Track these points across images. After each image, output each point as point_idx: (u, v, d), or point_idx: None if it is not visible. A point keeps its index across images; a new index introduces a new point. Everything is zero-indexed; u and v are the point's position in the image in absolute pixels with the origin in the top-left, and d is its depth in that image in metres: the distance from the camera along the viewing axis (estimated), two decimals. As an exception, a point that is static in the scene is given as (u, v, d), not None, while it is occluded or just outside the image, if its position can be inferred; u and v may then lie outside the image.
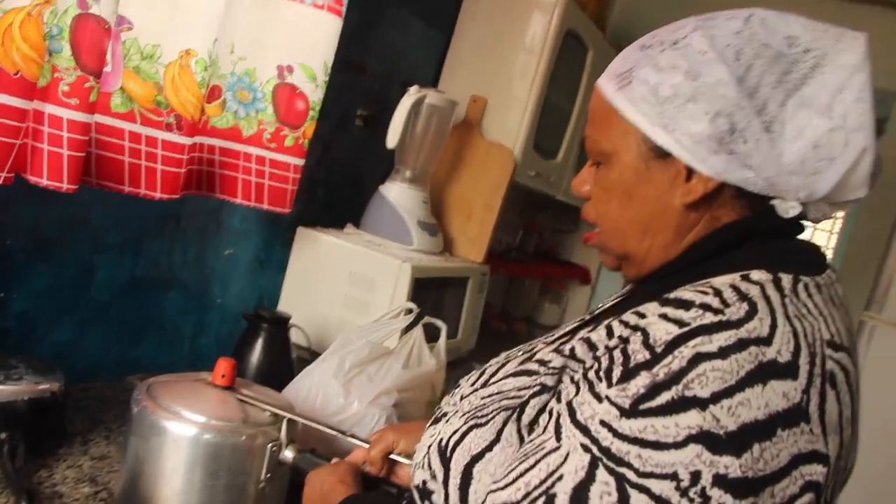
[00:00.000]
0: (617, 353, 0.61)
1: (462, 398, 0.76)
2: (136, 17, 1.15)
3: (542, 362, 0.71)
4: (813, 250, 0.70)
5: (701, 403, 0.54)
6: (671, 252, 0.71)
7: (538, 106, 2.03)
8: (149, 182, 1.21)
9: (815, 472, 0.56)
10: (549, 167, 2.28)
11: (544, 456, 0.60)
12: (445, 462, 0.71)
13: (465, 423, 0.72)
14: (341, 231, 1.79)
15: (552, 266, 3.07)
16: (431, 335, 1.36)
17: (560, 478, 0.58)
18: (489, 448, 0.68)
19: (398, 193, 1.81)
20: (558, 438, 0.60)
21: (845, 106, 0.63)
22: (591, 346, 0.66)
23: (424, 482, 0.72)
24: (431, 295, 1.71)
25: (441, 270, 1.76)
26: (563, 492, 0.57)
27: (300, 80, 1.42)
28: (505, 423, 0.69)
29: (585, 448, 0.58)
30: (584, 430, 0.58)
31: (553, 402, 0.65)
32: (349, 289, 1.64)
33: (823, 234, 3.06)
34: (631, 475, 0.55)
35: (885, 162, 0.67)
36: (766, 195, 0.67)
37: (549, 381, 0.68)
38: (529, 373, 0.71)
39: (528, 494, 0.59)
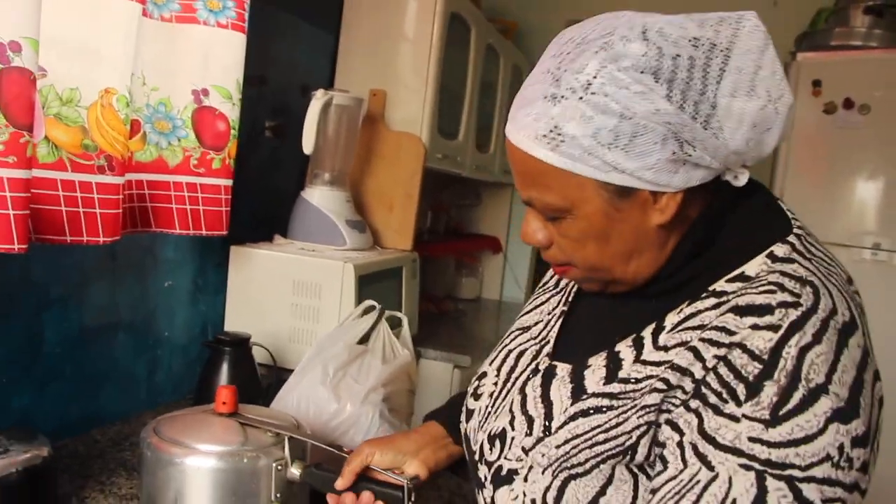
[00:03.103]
0: (724, 372, 0.65)
1: (525, 451, 0.76)
2: (49, 63, 1.11)
3: (611, 396, 0.71)
4: (775, 201, 0.76)
5: (824, 389, 0.61)
6: (660, 261, 0.73)
7: (437, 90, 2.09)
8: (90, 228, 1.18)
9: (880, 387, 0.67)
10: (453, 148, 2.35)
11: (704, 489, 0.64)
12: None
13: (554, 476, 0.73)
14: (272, 243, 1.79)
15: (466, 241, 3.16)
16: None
17: (734, 502, 0.62)
18: (602, 492, 0.71)
19: (321, 197, 1.83)
20: (710, 468, 0.64)
21: (766, 83, 0.65)
22: (685, 373, 0.67)
23: None
24: (372, 289, 1.74)
25: (378, 264, 1.80)
26: None
27: (217, 101, 1.41)
28: (614, 468, 0.71)
29: (746, 467, 0.62)
30: (736, 452, 0.63)
31: (668, 433, 0.67)
32: (295, 298, 1.65)
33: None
34: (797, 472, 0.61)
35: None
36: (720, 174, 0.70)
37: (654, 417, 0.69)
38: (601, 409, 0.71)
39: None
